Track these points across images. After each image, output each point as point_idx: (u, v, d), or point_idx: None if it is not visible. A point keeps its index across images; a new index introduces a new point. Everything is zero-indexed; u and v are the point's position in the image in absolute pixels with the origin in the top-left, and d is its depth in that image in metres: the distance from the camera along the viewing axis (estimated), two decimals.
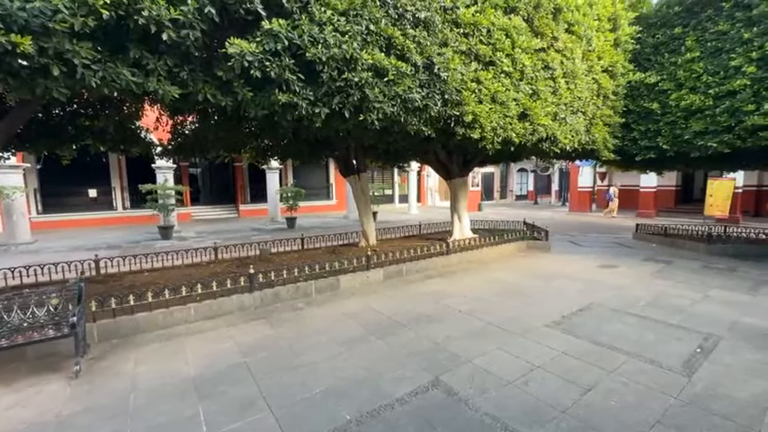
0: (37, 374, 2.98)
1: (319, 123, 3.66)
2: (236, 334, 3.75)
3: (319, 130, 4.02)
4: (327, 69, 3.37)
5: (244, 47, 2.96)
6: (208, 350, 3.39)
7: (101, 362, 3.20)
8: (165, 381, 2.87)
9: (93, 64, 2.57)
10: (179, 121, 6.63)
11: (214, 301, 4.23)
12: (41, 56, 2.36)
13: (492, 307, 4.47)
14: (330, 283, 5.12)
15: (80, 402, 2.60)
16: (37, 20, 2.25)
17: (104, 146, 6.37)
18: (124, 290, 4.45)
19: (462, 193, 8.08)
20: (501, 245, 7.67)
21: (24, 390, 2.76)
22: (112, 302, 3.71)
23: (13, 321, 3.00)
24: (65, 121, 5.68)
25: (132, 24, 2.58)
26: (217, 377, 2.91)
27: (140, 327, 3.78)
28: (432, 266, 6.32)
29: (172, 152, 7.11)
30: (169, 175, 11.71)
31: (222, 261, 6.76)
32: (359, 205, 7.88)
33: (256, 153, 7.90)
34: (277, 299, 4.65)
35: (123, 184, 14.19)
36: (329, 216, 16.97)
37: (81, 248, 9.23)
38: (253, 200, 17.21)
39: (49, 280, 5.35)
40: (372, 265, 5.64)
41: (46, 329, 3.06)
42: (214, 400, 2.61)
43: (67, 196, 13.19)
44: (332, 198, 19.20)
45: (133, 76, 2.76)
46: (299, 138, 5.39)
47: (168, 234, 10.81)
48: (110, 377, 2.94)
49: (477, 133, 4.69)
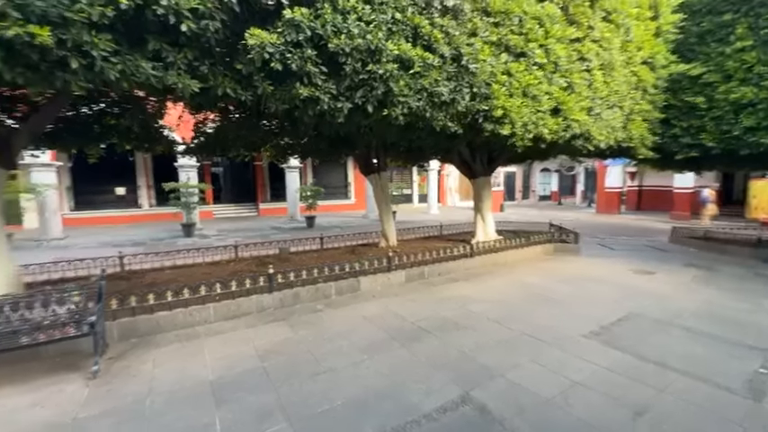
0: (57, 373, 2.94)
1: (341, 119, 3.50)
2: (255, 336, 3.64)
3: (341, 126, 3.86)
4: (351, 61, 3.20)
5: (264, 38, 2.82)
6: (226, 352, 3.29)
7: (119, 362, 3.15)
8: (183, 384, 2.78)
9: (112, 56, 2.49)
10: (201, 119, 6.65)
11: (233, 301, 4.15)
12: (60, 48, 2.30)
13: (522, 314, 4.19)
14: (350, 285, 4.96)
15: (97, 405, 2.53)
16: (55, 10, 2.18)
17: (129, 144, 6.43)
18: (145, 287, 4.43)
19: (486, 192, 7.77)
20: (527, 247, 7.32)
21: (44, 389, 2.72)
22: (132, 301, 3.68)
23: (35, 319, 2.98)
24: (91, 120, 5.75)
25: (151, 15, 2.48)
26: (234, 382, 2.79)
27: (160, 326, 3.73)
28: (455, 269, 6.07)
29: (194, 150, 7.14)
30: (192, 173, 11.90)
31: (242, 260, 6.73)
32: (379, 205, 7.70)
33: (276, 151, 7.85)
34: (296, 300, 4.53)
35: (149, 183, 14.57)
36: (348, 215, 16.89)
37: (108, 245, 9.46)
38: (272, 198, 17.34)
39: (75, 276, 5.44)
40: (393, 266, 5.45)
41: (67, 328, 3.02)
42: (231, 407, 2.48)
43: (97, 194, 13.65)
44: (350, 197, 19.14)
45: (153, 69, 2.67)
46: (320, 135, 5.26)
47: (190, 232, 10.97)
48: (127, 379, 2.87)
49: (507, 129, 4.41)
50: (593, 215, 16.96)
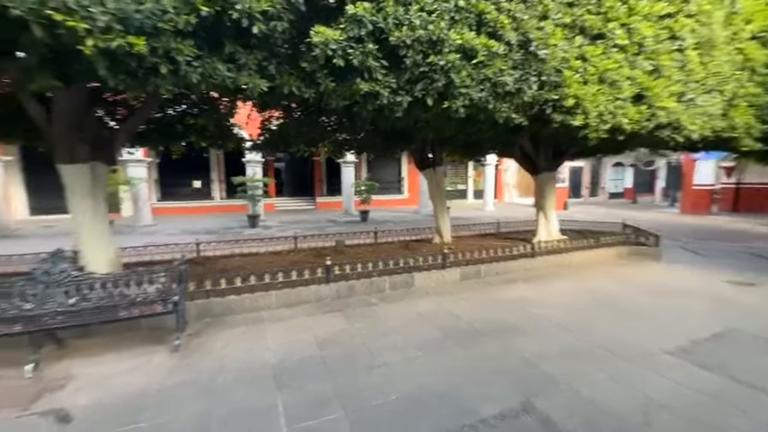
0: (146, 345, 3.34)
1: (400, 113, 3.46)
2: (314, 325, 3.80)
3: (398, 120, 3.83)
4: (412, 53, 3.14)
5: (328, 35, 2.88)
6: (287, 339, 3.47)
7: (196, 339, 3.48)
8: (249, 365, 2.98)
9: (194, 61, 2.71)
10: (266, 117, 7.07)
11: (293, 290, 4.36)
12: (152, 55, 2.55)
13: (591, 322, 3.84)
14: (404, 280, 4.95)
15: (178, 376, 2.82)
16: (149, 21, 2.42)
17: (205, 142, 7.04)
18: (217, 273, 4.85)
19: (550, 189, 7.24)
20: (597, 249, 6.70)
21: (136, 358, 3.10)
22: (207, 284, 4.04)
23: (131, 296, 3.40)
24: (174, 121, 6.38)
25: (227, 20, 2.65)
26: (294, 368, 2.94)
27: (230, 308, 4.05)
28: (514, 269, 5.76)
29: (260, 147, 7.62)
30: (258, 168, 12.76)
31: (300, 251, 7.07)
32: (434, 200, 7.58)
33: (333, 147, 8.09)
34: (352, 292, 4.63)
35: (221, 177, 15.94)
36: (401, 210, 16.92)
37: (187, 232, 10.55)
38: (329, 193, 17.96)
39: (162, 259, 6.14)
40: (448, 263, 5.32)
41: (154, 305, 3.41)
42: (291, 392, 2.61)
43: (178, 187, 15.27)
44: (404, 192, 19.13)
45: (228, 71, 2.87)
46: (377, 130, 5.28)
47: (255, 223, 11.80)
48: (203, 355, 3.16)
49: (579, 120, 4.03)
50: (675, 215, 15.01)
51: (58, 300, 3.18)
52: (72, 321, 3.13)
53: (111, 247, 4.86)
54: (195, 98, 5.93)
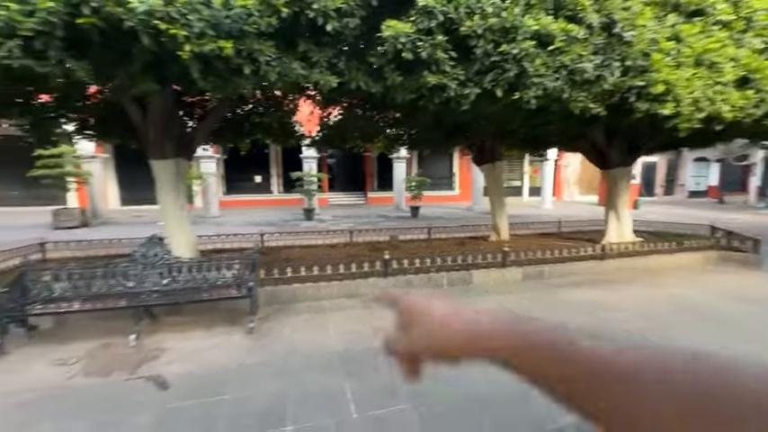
0: (225, 325, 3.64)
1: (467, 106, 3.37)
2: (373, 317, 3.87)
3: (464, 113, 3.72)
4: (483, 43, 3.04)
5: (398, 28, 2.88)
6: (349, 329, 3.58)
7: (266, 323, 3.72)
8: (316, 351, 3.12)
9: (272, 60, 2.87)
10: (326, 113, 7.31)
11: (352, 281, 4.48)
12: (237, 57, 2.74)
13: (673, 330, 3.46)
14: (462, 277, 4.85)
15: (254, 356, 3.04)
16: (236, 25, 2.60)
17: (270, 138, 7.47)
18: (281, 262, 5.14)
19: (623, 186, 6.62)
20: (679, 253, 6.01)
21: (218, 336, 3.40)
22: (275, 273, 4.29)
23: (211, 280, 3.73)
24: (242, 119, 6.84)
25: (304, 19, 2.77)
26: (359, 357, 3.02)
27: (295, 296, 4.28)
28: (581, 271, 5.37)
29: (319, 143, 7.91)
30: (313, 164, 13.29)
31: (355, 244, 7.24)
32: (491, 197, 7.32)
33: (389, 142, 8.14)
34: (409, 287, 4.64)
35: (279, 172, 16.86)
36: (452, 207, 16.61)
37: (250, 223, 11.32)
38: (379, 188, 18.19)
39: (231, 247, 6.66)
40: (509, 262, 5.11)
41: (231, 289, 3.71)
42: (358, 380, 2.68)
43: (242, 181, 16.43)
44: (455, 188, 18.76)
45: (302, 69, 2.99)
46: (437, 124, 5.20)
47: (311, 216, 12.32)
48: (274, 338, 3.37)
49: (669, 108, 3.61)
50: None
51: (153, 280, 3.59)
52: (164, 299, 3.52)
53: (192, 234, 5.37)
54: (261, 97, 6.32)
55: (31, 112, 4.68)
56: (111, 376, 2.73)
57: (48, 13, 2.23)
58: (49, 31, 2.31)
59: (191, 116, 6.31)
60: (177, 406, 2.38)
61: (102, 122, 5.90)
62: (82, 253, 6.11)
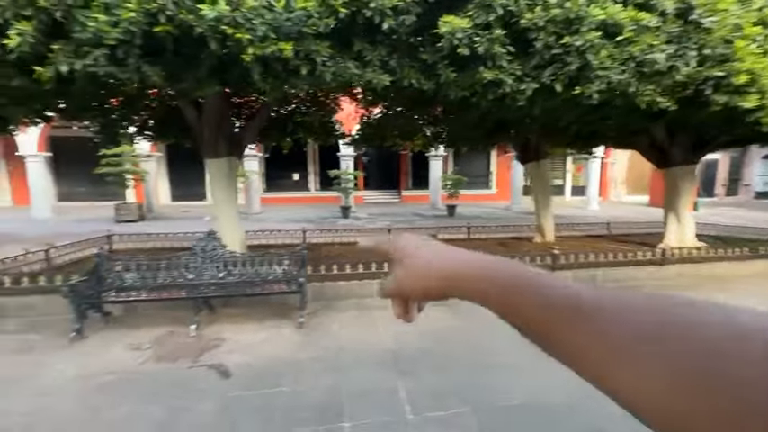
0: (275, 319, 3.76)
1: (523, 102, 3.24)
2: (421, 317, 3.81)
3: (519, 110, 3.59)
4: (543, 36, 2.90)
5: (456, 24, 2.81)
6: (398, 328, 3.56)
7: (315, 318, 3.80)
8: (366, 348, 3.15)
9: (328, 61, 2.91)
10: (367, 112, 7.36)
11: None
12: (296, 58, 2.80)
13: None
14: None
15: (306, 350, 3.12)
16: (296, 27, 2.66)
17: (311, 137, 7.65)
18: (324, 259, 5.24)
19: (686, 186, 6.12)
20: (752, 260, 5.46)
21: (269, 329, 3.52)
22: (322, 269, 4.38)
23: (262, 275, 3.87)
24: (286, 119, 7.03)
25: (361, 18, 2.78)
26: (411, 357, 3.00)
27: (340, 293, 4.34)
28: (638, 277, 5.02)
29: (358, 141, 7.99)
30: (350, 162, 13.45)
31: None
32: (536, 196, 7.04)
33: (429, 140, 8.06)
34: None
35: (316, 170, 17.24)
36: (489, 206, 16.19)
37: (290, 220, 11.67)
38: (414, 186, 18.08)
39: (275, 243, 6.89)
40: (558, 265, 4.88)
41: (282, 284, 3.83)
42: (412, 380, 2.67)
43: (281, 179, 16.98)
44: (492, 187, 18.26)
45: (356, 68, 3.01)
46: (484, 121, 5.06)
47: (347, 214, 12.48)
48: (323, 333, 3.44)
49: (752, 101, 3.27)
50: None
51: (211, 273, 3.78)
52: (221, 292, 3.70)
53: (241, 230, 5.61)
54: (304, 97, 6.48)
55: (104, 114, 5.08)
56: (177, 362, 2.91)
57: (129, 23, 2.39)
58: (130, 39, 2.48)
59: (238, 117, 6.59)
60: (239, 395, 2.48)
61: (160, 124, 6.30)
62: (142, 245, 6.57)
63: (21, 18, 2.34)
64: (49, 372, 2.75)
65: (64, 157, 15.09)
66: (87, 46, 2.47)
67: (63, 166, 15.47)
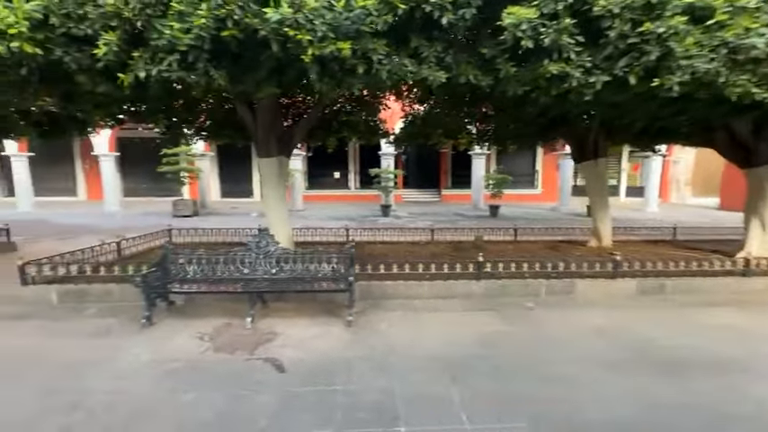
0: (324, 316, 3.82)
1: (590, 96, 3.00)
2: (469, 322, 3.72)
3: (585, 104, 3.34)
4: (618, 23, 2.66)
5: (521, 15, 2.66)
6: (446, 331, 3.48)
7: (363, 317, 3.80)
8: (416, 351, 3.09)
9: (384, 59, 2.87)
10: (410, 110, 7.28)
11: (444, 282, 4.37)
12: (353, 57, 2.80)
13: None
14: (563, 286, 4.42)
15: (356, 349, 3.12)
16: (354, 26, 2.65)
17: (355, 136, 7.70)
18: (367, 257, 5.25)
19: None
20: None
21: (319, 326, 3.57)
22: (369, 268, 4.38)
23: (312, 272, 3.94)
24: (332, 118, 7.13)
25: (419, 14, 2.71)
26: (463, 363, 2.90)
27: (386, 293, 4.32)
28: (715, 289, 4.52)
29: (401, 140, 7.94)
30: (391, 160, 13.44)
31: (437, 243, 7.11)
32: (592, 197, 6.59)
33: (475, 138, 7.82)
34: (503, 292, 4.38)
35: (356, 168, 17.46)
36: (534, 207, 15.49)
37: (331, 217, 11.90)
38: (454, 185, 17.74)
39: (319, 240, 7.04)
40: (620, 272, 4.52)
41: (331, 282, 3.87)
42: (466, 388, 2.57)
43: (322, 177, 17.40)
44: (537, 187, 17.45)
45: (412, 65, 2.95)
46: (540, 117, 4.80)
47: (387, 212, 12.50)
48: (372, 333, 3.43)
49: None
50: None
51: (264, 268, 3.91)
52: (273, 287, 3.82)
53: (290, 227, 5.78)
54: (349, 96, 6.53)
55: (168, 117, 5.45)
56: (235, 354, 3.03)
57: (200, 28, 2.51)
58: (200, 45, 2.61)
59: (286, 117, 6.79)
60: (295, 391, 2.53)
61: (216, 125, 6.65)
62: (198, 239, 7.00)
63: (108, 29, 2.53)
64: (124, 356, 2.98)
65: (130, 156, 16.53)
66: (162, 52, 2.63)
67: (129, 165, 16.95)
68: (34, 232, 8.96)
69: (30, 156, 13.87)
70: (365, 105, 6.96)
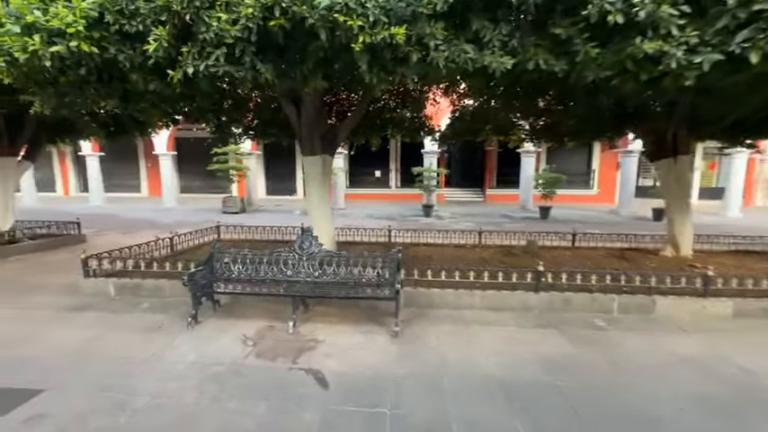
0: (368, 323, 3.60)
1: (691, 80, 2.48)
2: (529, 339, 3.31)
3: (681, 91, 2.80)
4: None
5: None
6: (502, 349, 3.11)
7: (409, 327, 3.53)
8: (470, 371, 2.76)
9: (441, 45, 2.57)
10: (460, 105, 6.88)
11: (497, 293, 3.98)
12: (406, 44, 2.53)
13: None
14: (640, 304, 3.84)
15: (403, 365, 2.85)
16: (410, 8, 2.38)
17: (400, 133, 7.44)
18: (410, 260, 4.97)
19: None
20: None
21: (364, 334, 3.35)
22: (415, 274, 4.10)
23: (357, 276, 3.73)
24: (376, 115, 6.91)
25: None
26: (525, 391, 2.53)
27: (433, 301, 4.01)
28: None
29: (449, 136, 7.55)
30: (434, 158, 13.03)
31: (486, 247, 6.65)
32: (669, 200, 5.79)
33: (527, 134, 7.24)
34: (567, 307, 3.90)
35: (397, 167, 17.22)
36: (589, 208, 14.29)
37: (372, 216, 11.77)
38: (499, 185, 16.90)
39: (361, 240, 6.89)
40: (712, 291, 3.84)
41: (377, 288, 3.64)
42: (530, 421, 2.21)
43: (363, 175, 17.37)
44: (593, 187, 16.10)
45: (472, 52, 2.62)
46: (620, 108, 4.22)
47: (429, 212, 12.12)
48: (420, 347, 3.15)
49: None
50: None
51: (307, 270, 3.78)
52: (316, 291, 3.66)
53: (332, 227, 5.66)
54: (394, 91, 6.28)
55: (217, 116, 5.54)
56: (277, 361, 2.90)
57: (247, 18, 2.37)
58: (247, 37, 2.47)
59: (329, 115, 6.69)
60: (339, 409, 2.32)
61: (263, 124, 6.71)
62: (244, 236, 7.13)
63: (158, 24, 2.48)
64: (171, 355, 2.97)
65: (185, 155, 17.61)
66: (210, 46, 2.53)
67: (184, 163, 18.07)
68: (102, 225, 9.74)
69: (101, 155, 15.22)
70: (411, 101, 6.69)
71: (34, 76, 2.88)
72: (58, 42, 2.49)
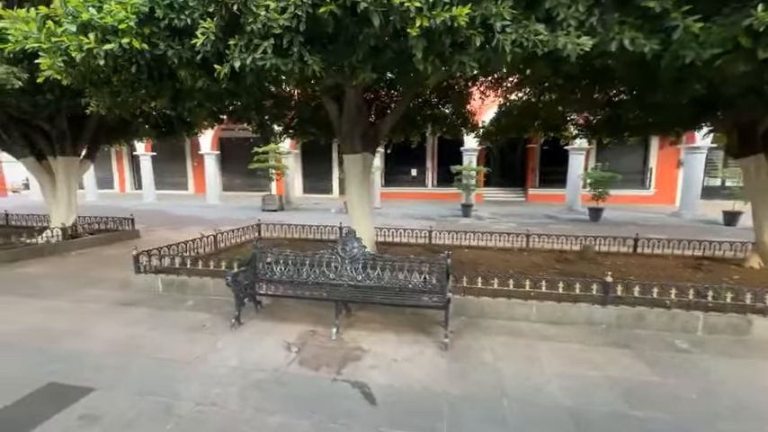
0: (414, 332, 3.36)
1: None
2: (597, 360, 2.92)
3: None
4: None
5: None
6: (569, 372, 2.75)
7: (459, 339, 3.25)
8: (535, 397, 2.44)
9: (509, 26, 2.27)
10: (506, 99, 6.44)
11: (557, 304, 3.59)
12: (468, 27, 2.25)
13: None
14: (732, 323, 3.29)
15: (456, 384, 2.59)
16: None
17: (441, 130, 7.12)
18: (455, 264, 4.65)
19: None
20: None
21: (410, 346, 3.11)
22: (464, 281, 3.81)
23: (402, 282, 3.50)
24: (416, 112, 6.64)
25: None
26: (603, 425, 2.18)
27: (484, 311, 3.70)
28: None
29: (493, 133, 7.11)
30: (473, 157, 12.53)
31: (534, 251, 6.18)
32: (756, 203, 5.02)
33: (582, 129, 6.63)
34: (639, 323, 3.43)
35: (434, 165, 16.81)
36: (646, 210, 13.11)
37: (408, 216, 11.51)
38: (541, 184, 15.99)
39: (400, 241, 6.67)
40: None
41: (421, 295, 3.40)
42: None
43: (398, 174, 17.14)
44: (649, 187, 14.78)
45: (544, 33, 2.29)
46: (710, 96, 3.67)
47: (468, 212, 11.66)
48: (474, 363, 2.86)
49: None
50: None
51: (349, 274, 3.61)
52: (359, 295, 3.48)
53: (372, 226, 5.48)
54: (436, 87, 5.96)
55: (260, 114, 5.54)
56: (321, 371, 2.74)
57: (296, 6, 2.21)
58: (295, 26, 2.32)
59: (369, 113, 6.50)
60: None
61: (303, 122, 6.67)
62: (284, 234, 7.16)
63: (206, 16, 2.39)
64: (214, 358, 2.90)
65: (228, 154, 18.30)
66: (257, 38, 2.41)
67: (226, 162, 18.79)
68: (153, 221, 10.26)
69: (153, 155, 16.17)
70: (454, 96, 6.35)
71: (90, 76, 2.92)
72: (110, 40, 2.48)
